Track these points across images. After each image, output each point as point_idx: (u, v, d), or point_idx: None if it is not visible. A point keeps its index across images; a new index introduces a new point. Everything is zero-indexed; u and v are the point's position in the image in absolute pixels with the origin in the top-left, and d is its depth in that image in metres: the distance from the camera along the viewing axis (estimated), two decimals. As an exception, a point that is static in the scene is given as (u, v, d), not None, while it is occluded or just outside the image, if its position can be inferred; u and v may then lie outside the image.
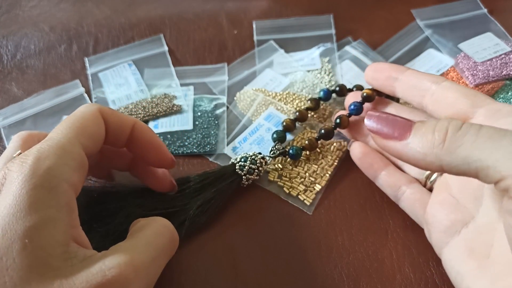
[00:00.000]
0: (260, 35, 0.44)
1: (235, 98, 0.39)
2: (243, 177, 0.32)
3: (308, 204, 0.33)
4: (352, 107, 0.33)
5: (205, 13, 0.47)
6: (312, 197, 0.33)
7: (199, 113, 0.38)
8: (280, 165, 0.34)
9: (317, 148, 0.35)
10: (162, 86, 0.40)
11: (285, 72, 0.41)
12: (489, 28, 0.42)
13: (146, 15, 0.46)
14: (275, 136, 0.35)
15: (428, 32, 0.43)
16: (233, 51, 0.43)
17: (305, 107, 0.37)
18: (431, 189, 0.30)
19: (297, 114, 0.36)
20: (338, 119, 0.33)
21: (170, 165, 0.29)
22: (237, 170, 0.32)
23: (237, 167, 0.32)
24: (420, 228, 0.30)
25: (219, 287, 0.29)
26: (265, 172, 0.34)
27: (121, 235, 0.25)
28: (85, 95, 0.40)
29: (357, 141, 0.33)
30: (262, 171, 0.33)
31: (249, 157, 0.32)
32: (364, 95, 0.33)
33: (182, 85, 0.40)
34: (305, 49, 0.43)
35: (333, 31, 0.43)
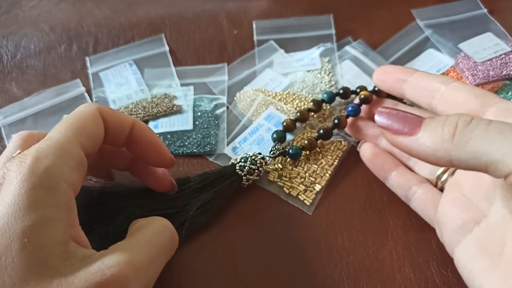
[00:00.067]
0: (260, 35, 0.44)
1: (235, 98, 0.39)
2: (243, 178, 0.32)
3: (308, 204, 0.33)
4: (350, 108, 0.34)
5: (205, 13, 0.47)
6: (312, 197, 0.33)
7: (199, 113, 0.38)
8: (280, 165, 0.34)
9: (317, 148, 0.35)
10: (162, 86, 0.40)
11: (285, 72, 0.41)
12: (489, 28, 0.42)
13: (146, 15, 0.46)
14: (275, 136, 0.35)
15: (428, 32, 0.43)
16: (233, 51, 0.43)
17: (306, 108, 0.37)
18: (442, 189, 0.30)
19: (298, 114, 0.36)
20: (336, 120, 0.34)
21: (169, 164, 0.29)
22: (237, 170, 0.32)
23: (237, 167, 0.32)
24: (420, 228, 0.30)
25: (219, 287, 0.29)
26: (265, 172, 0.34)
27: (121, 236, 0.25)
28: (86, 95, 0.40)
29: (366, 142, 0.33)
30: (262, 171, 0.33)
31: (249, 158, 0.32)
32: (361, 97, 0.34)
33: (182, 85, 0.40)
34: (305, 49, 0.42)
35: (333, 31, 0.43)
